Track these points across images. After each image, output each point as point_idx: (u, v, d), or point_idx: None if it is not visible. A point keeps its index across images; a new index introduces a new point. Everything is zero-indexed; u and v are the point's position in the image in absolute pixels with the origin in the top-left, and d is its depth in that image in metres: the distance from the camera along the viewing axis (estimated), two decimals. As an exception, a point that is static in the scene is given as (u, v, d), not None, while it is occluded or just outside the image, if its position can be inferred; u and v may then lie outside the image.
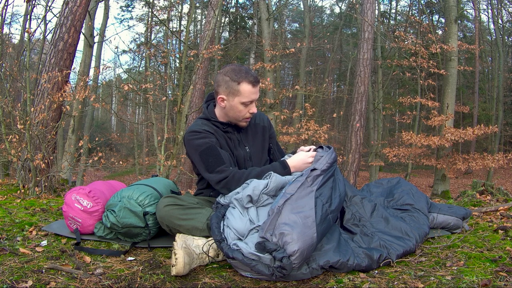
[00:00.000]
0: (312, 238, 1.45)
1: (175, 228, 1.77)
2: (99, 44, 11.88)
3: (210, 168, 1.87)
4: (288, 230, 1.42)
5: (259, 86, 1.96)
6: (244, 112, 1.96)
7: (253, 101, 1.95)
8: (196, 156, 1.91)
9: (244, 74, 1.90)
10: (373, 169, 12.66)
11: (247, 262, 1.46)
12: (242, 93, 1.90)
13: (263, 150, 2.13)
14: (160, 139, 7.31)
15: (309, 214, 1.48)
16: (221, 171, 1.85)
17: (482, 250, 1.77)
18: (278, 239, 1.42)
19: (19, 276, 1.47)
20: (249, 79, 1.90)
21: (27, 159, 3.83)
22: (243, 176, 1.85)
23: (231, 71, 1.92)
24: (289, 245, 1.41)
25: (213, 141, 1.92)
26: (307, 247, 1.44)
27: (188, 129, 2.01)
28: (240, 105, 1.93)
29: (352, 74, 14.96)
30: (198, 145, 1.90)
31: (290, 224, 1.44)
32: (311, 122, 7.05)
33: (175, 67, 15.26)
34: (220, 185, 1.86)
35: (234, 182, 1.83)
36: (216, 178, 1.86)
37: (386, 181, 2.32)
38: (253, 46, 14.48)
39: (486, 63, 17.28)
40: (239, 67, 1.95)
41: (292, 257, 1.40)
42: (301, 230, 1.43)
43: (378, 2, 14.20)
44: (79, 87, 4.74)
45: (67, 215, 2.07)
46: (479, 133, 8.74)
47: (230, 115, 1.99)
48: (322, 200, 1.54)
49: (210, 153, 1.88)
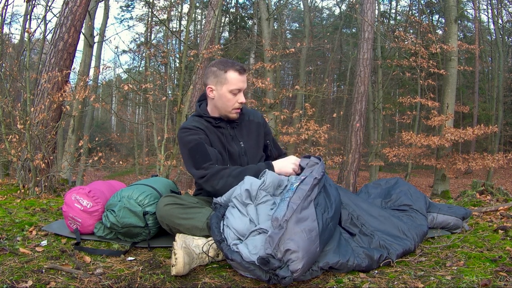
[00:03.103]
0: (315, 252, 1.45)
1: (175, 228, 1.77)
2: (99, 44, 11.88)
3: (196, 164, 1.90)
4: (294, 247, 1.39)
5: (246, 75, 2.02)
6: (233, 102, 1.99)
7: (241, 89, 1.99)
8: (186, 152, 1.95)
9: (230, 63, 1.99)
10: (373, 169, 12.66)
11: (245, 266, 1.45)
12: (229, 80, 1.96)
13: (258, 146, 2.15)
14: (160, 139, 7.30)
15: (313, 226, 1.45)
16: (206, 168, 1.88)
17: (482, 250, 1.77)
18: (283, 255, 1.40)
19: (19, 276, 1.47)
20: (235, 67, 1.97)
21: (27, 159, 3.83)
22: (226, 172, 1.86)
23: (218, 62, 2.01)
24: (294, 263, 1.39)
25: (202, 138, 1.95)
26: (310, 261, 1.44)
27: (180, 126, 2.05)
28: (228, 94, 1.97)
29: (352, 74, 14.95)
30: (187, 142, 1.93)
31: (295, 240, 1.40)
32: (311, 122, 7.05)
33: (175, 67, 15.27)
34: (202, 180, 1.88)
35: (216, 178, 1.85)
36: (200, 174, 1.88)
37: (384, 181, 2.31)
38: (253, 46, 14.48)
39: (486, 63, 17.26)
40: (225, 59, 2.04)
41: (295, 274, 1.40)
42: (306, 246, 1.41)
43: (378, 2, 14.21)
44: (79, 87, 4.74)
45: (67, 215, 2.07)
46: (479, 133, 8.74)
47: (220, 105, 2.02)
48: (320, 210, 1.52)
49: (198, 150, 1.91)
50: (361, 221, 1.80)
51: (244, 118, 2.13)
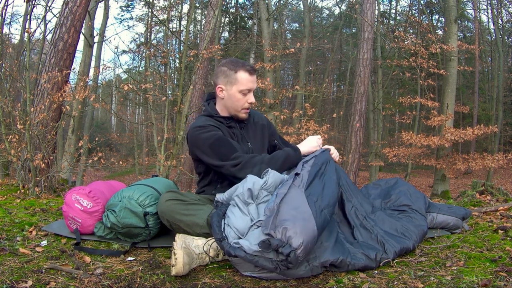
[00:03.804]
0: (313, 230, 1.47)
1: (175, 223, 1.77)
2: (99, 44, 11.88)
3: (224, 156, 1.90)
4: (290, 225, 1.45)
5: (256, 76, 2.03)
6: (243, 102, 2.01)
7: (250, 90, 2.00)
8: (206, 149, 1.93)
9: (241, 64, 2.00)
10: (373, 169, 12.66)
11: (250, 258, 1.46)
12: (239, 81, 1.97)
13: (263, 147, 2.17)
14: (160, 139, 7.30)
15: (306, 209, 1.52)
16: (237, 157, 1.89)
17: (482, 250, 1.77)
18: (282, 234, 1.44)
19: (19, 276, 1.47)
20: (246, 68, 1.98)
21: (27, 159, 3.83)
22: (259, 159, 1.89)
23: (228, 62, 2.02)
24: (294, 239, 1.43)
25: (220, 133, 1.96)
26: (310, 240, 1.46)
27: (192, 125, 2.04)
28: (238, 94, 1.99)
29: (352, 74, 14.95)
30: (206, 138, 1.93)
31: (290, 219, 1.47)
32: (311, 122, 7.05)
33: (175, 67, 15.25)
34: (236, 168, 1.88)
35: (250, 165, 1.87)
36: (232, 163, 1.88)
37: (384, 182, 2.31)
38: (253, 46, 14.47)
39: (486, 63, 17.27)
40: (236, 59, 2.05)
41: (298, 250, 1.42)
42: (302, 223, 1.46)
43: (378, 2, 14.21)
44: (79, 87, 4.74)
45: (67, 215, 2.07)
46: (479, 133, 8.74)
47: (229, 105, 2.03)
48: (312, 199, 1.59)
49: (221, 144, 1.92)
50: (363, 215, 1.83)
51: (250, 119, 2.15)
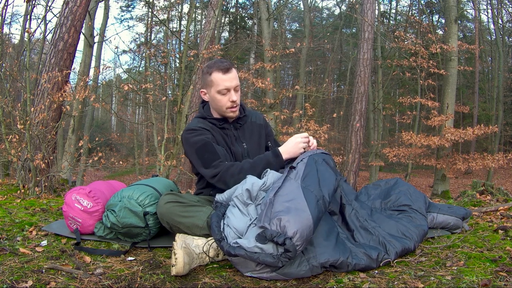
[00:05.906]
0: (308, 219, 1.49)
1: (175, 226, 1.77)
2: (99, 44, 11.87)
3: (206, 163, 1.91)
4: (284, 215, 1.48)
5: (233, 72, 1.97)
6: (225, 101, 1.99)
7: (229, 88, 1.97)
8: (193, 153, 1.95)
9: (214, 64, 1.97)
10: (373, 169, 12.66)
11: (251, 255, 1.47)
12: (214, 82, 1.97)
13: (260, 147, 2.16)
14: (160, 139, 7.31)
15: (300, 200, 1.55)
16: (216, 166, 1.88)
17: (482, 250, 1.77)
18: (277, 225, 1.47)
19: (19, 276, 1.47)
20: (219, 68, 1.95)
21: (27, 159, 3.83)
22: (237, 168, 1.87)
23: (205, 65, 2.03)
24: (288, 228, 1.45)
25: (209, 137, 1.96)
26: (305, 228, 1.47)
27: (186, 127, 2.05)
28: (218, 95, 1.98)
29: (352, 74, 14.94)
30: (194, 142, 1.94)
31: (284, 210, 1.50)
32: (311, 122, 7.05)
33: (175, 67, 15.26)
34: (215, 179, 1.89)
35: (228, 175, 1.86)
36: (211, 173, 1.89)
37: (384, 182, 2.31)
38: (253, 46, 14.47)
39: (486, 63, 17.27)
40: (214, 60, 2.02)
41: (294, 238, 1.44)
42: (296, 213, 1.49)
43: (378, 2, 14.21)
44: (79, 87, 4.74)
45: (67, 215, 2.07)
46: (479, 133, 8.74)
47: (214, 107, 2.05)
48: (309, 189, 1.61)
49: (206, 149, 1.92)
50: (364, 217, 1.83)
51: (247, 119, 2.14)
